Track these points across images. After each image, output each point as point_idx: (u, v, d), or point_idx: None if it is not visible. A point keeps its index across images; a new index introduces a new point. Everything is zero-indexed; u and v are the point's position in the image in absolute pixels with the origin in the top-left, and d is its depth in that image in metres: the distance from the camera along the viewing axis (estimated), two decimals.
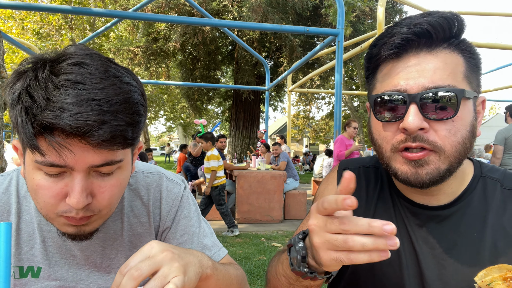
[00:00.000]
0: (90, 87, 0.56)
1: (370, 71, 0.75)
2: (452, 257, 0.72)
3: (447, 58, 0.66)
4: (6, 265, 0.49)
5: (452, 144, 0.65)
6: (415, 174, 0.67)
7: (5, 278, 0.49)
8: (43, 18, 12.85)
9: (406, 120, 0.64)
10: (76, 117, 0.53)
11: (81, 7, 5.35)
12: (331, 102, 25.25)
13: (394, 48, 0.67)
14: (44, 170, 0.59)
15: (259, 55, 9.09)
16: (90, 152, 0.58)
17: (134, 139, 0.62)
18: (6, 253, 0.49)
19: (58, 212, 0.62)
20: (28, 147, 0.57)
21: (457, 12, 0.68)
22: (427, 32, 0.65)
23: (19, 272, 0.74)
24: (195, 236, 0.84)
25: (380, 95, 0.69)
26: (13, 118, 0.57)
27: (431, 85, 0.64)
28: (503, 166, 4.94)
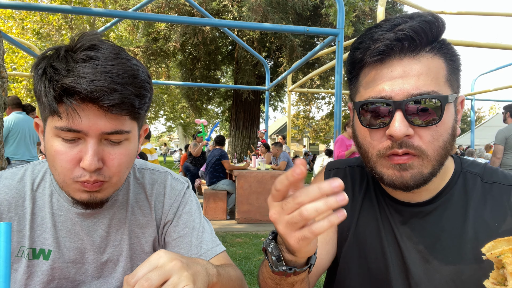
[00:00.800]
0: (104, 63, 0.66)
1: (352, 75, 0.75)
2: (435, 252, 0.74)
3: (430, 63, 0.67)
4: (6, 265, 0.49)
5: (434, 148, 0.67)
6: (400, 178, 0.69)
7: (5, 278, 0.49)
8: (43, 18, 12.85)
9: (392, 127, 0.65)
10: (91, 83, 0.63)
11: (81, 7, 5.35)
12: (331, 102, 25.24)
13: (378, 54, 0.67)
14: (61, 136, 0.68)
15: (259, 55, 9.08)
16: (102, 119, 0.67)
17: (141, 109, 0.71)
18: (6, 253, 0.49)
19: (73, 177, 0.70)
20: (49, 111, 0.66)
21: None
22: (410, 38, 0.65)
23: (32, 254, 0.79)
24: (195, 231, 0.87)
25: (365, 102, 0.69)
26: (37, 90, 0.68)
27: (415, 92, 0.65)
28: (503, 166, 4.94)
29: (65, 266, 0.81)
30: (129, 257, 0.86)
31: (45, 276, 0.80)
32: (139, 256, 0.87)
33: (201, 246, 0.85)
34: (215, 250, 0.86)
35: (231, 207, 6.78)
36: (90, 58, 0.66)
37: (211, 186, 6.63)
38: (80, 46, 0.67)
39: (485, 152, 10.95)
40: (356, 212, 0.84)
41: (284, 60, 11.84)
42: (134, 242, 0.86)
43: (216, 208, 6.49)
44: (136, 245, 0.86)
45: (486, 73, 10.28)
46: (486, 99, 12.69)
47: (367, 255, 0.80)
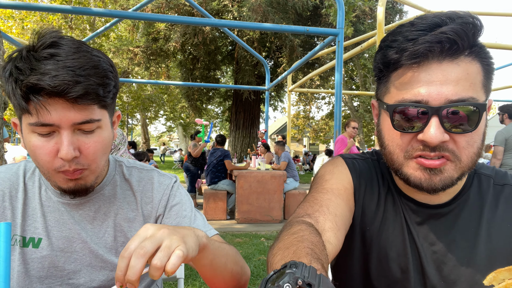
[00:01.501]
0: (65, 58, 0.69)
1: (383, 73, 0.72)
2: (451, 253, 0.74)
3: (469, 68, 0.64)
4: (6, 265, 0.49)
5: (468, 154, 0.66)
6: (429, 181, 0.67)
7: (5, 278, 0.49)
8: (43, 18, 12.83)
9: (427, 132, 0.63)
10: (54, 78, 0.67)
11: (81, 7, 5.35)
12: (331, 102, 25.24)
13: (418, 57, 0.63)
14: (37, 131, 0.72)
15: (259, 55, 9.08)
16: (71, 111, 0.71)
17: (106, 97, 0.75)
18: (6, 253, 0.49)
19: (55, 168, 0.75)
20: (20, 109, 0.71)
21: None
22: (453, 42, 0.62)
23: (23, 242, 0.84)
24: (187, 218, 0.91)
25: (400, 105, 0.66)
26: (7, 91, 0.71)
27: (454, 97, 0.63)
28: (503, 166, 4.93)
29: (54, 255, 0.85)
30: (113, 248, 0.89)
31: (35, 264, 0.83)
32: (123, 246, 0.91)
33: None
34: (208, 234, 0.88)
35: (231, 207, 6.78)
36: (51, 55, 0.69)
37: (211, 186, 6.63)
38: (41, 45, 0.71)
39: (485, 152, 10.94)
40: (381, 207, 0.82)
41: (284, 60, 11.84)
42: (119, 235, 0.89)
43: (216, 208, 6.49)
44: (121, 237, 0.89)
45: None
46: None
47: (388, 253, 0.79)
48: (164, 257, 0.54)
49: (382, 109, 0.73)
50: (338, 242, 0.72)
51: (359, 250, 0.83)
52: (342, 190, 0.81)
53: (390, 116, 0.69)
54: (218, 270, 0.76)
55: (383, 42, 0.70)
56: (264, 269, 3.90)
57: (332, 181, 0.83)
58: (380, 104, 0.74)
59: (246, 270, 0.88)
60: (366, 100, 22.44)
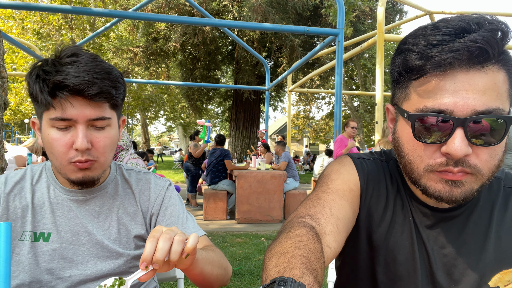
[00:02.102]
0: (84, 64, 0.84)
1: (404, 78, 0.67)
2: (461, 255, 0.73)
3: (496, 77, 0.60)
4: (6, 265, 0.49)
5: (490, 167, 0.64)
6: (449, 193, 0.65)
7: (5, 278, 0.49)
8: (43, 18, 12.82)
9: (452, 145, 0.60)
10: (76, 78, 0.81)
11: (81, 7, 5.35)
12: (331, 102, 25.24)
13: (444, 66, 0.59)
14: (56, 125, 0.84)
15: (259, 55, 9.08)
16: (88, 108, 0.84)
17: (117, 98, 0.89)
18: (6, 253, 0.49)
19: (68, 158, 0.86)
20: (45, 105, 0.83)
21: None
22: (484, 51, 0.58)
23: (33, 237, 0.92)
24: (179, 219, 1.03)
25: (423, 115, 0.63)
26: (33, 91, 0.84)
27: (481, 108, 0.59)
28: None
29: (63, 247, 0.93)
30: (117, 239, 0.98)
31: (46, 257, 0.91)
32: (128, 237, 1.00)
33: (185, 231, 1.01)
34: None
35: (231, 207, 6.78)
36: (73, 61, 0.83)
37: (211, 186, 6.63)
38: (64, 54, 0.86)
39: None
40: (389, 210, 0.80)
41: (284, 60, 11.84)
42: (122, 228, 0.99)
43: (216, 208, 6.49)
44: (124, 230, 0.99)
45: None
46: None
47: (396, 257, 0.77)
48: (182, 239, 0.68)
49: (401, 116, 0.70)
50: (338, 246, 0.71)
51: (366, 252, 0.81)
52: (348, 192, 0.79)
53: (412, 125, 0.65)
54: (205, 276, 0.87)
55: (404, 45, 0.66)
56: None
57: (337, 181, 0.81)
58: (398, 110, 0.71)
59: (229, 270, 0.99)
60: (366, 100, 22.43)
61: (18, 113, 17.84)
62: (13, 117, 18.73)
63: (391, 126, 0.77)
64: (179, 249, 0.67)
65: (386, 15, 9.69)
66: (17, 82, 15.40)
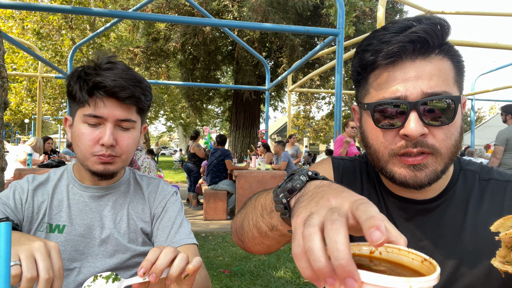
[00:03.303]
0: (120, 71, 0.96)
1: (362, 76, 0.76)
2: (438, 247, 0.76)
3: (440, 65, 0.68)
4: (6, 265, 0.49)
5: (447, 146, 0.69)
6: (414, 177, 0.70)
7: (5, 278, 0.49)
8: (43, 18, 12.81)
9: (408, 127, 0.66)
10: (113, 81, 0.93)
11: (81, 7, 5.35)
12: (331, 102, 25.22)
13: (392, 56, 0.67)
14: (88, 121, 0.95)
15: (259, 55, 9.07)
16: (118, 109, 0.96)
17: (145, 104, 1.02)
18: (6, 253, 0.49)
19: (93, 152, 0.96)
20: (81, 102, 0.95)
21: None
22: (424, 40, 0.66)
23: (49, 228, 1.02)
24: (175, 224, 1.10)
25: (380, 102, 0.69)
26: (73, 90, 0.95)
27: (429, 91, 0.66)
28: (502, 165, 4.93)
29: (76, 239, 1.02)
30: (126, 233, 1.07)
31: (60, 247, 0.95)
32: (136, 232, 1.08)
33: (175, 236, 1.07)
34: (185, 241, 1.06)
35: (232, 207, 6.78)
36: (111, 68, 0.96)
37: (211, 186, 6.63)
38: (104, 61, 0.98)
39: (485, 152, 10.94)
40: None
41: (284, 60, 11.83)
42: (131, 223, 1.09)
43: (216, 208, 6.49)
44: (133, 225, 1.09)
45: (486, 73, 10.28)
46: (486, 99, 12.67)
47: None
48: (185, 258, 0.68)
49: (363, 110, 0.77)
50: None
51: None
52: None
53: (372, 115, 0.72)
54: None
55: (359, 47, 0.74)
56: (264, 268, 3.90)
57: None
58: (361, 106, 0.78)
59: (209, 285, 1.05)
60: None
61: (18, 113, 17.82)
62: (13, 117, 18.71)
63: (358, 125, 0.84)
64: (181, 265, 0.67)
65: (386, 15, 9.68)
66: (17, 82, 15.39)
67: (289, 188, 0.55)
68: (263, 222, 0.66)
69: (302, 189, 0.54)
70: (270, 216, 0.63)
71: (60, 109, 18.21)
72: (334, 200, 0.44)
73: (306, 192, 0.52)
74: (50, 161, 5.25)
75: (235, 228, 0.80)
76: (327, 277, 0.37)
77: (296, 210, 0.49)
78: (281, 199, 0.55)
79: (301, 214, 0.45)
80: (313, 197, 0.49)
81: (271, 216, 0.63)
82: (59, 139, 25.21)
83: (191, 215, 7.00)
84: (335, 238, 0.37)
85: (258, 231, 0.68)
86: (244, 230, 0.74)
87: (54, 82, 15.59)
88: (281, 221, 0.60)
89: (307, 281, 3.59)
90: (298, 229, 0.43)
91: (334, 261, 0.35)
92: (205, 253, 4.47)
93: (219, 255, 4.39)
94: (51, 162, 5.20)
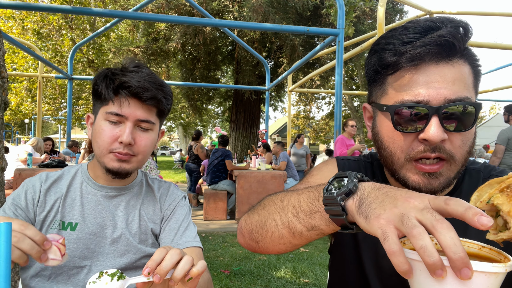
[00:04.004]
0: (145, 75, 1.00)
1: (380, 75, 0.73)
2: None
3: (462, 69, 0.67)
4: (6, 265, 0.49)
5: (462, 153, 0.69)
6: (428, 185, 0.69)
7: (5, 278, 0.49)
8: (43, 18, 12.81)
9: (428, 131, 0.65)
10: (138, 82, 0.97)
11: (81, 7, 5.35)
12: (331, 102, 25.22)
13: (417, 59, 0.66)
14: (109, 119, 0.99)
15: (259, 55, 9.07)
16: (139, 109, 1.00)
17: (165, 107, 1.06)
18: (6, 253, 0.49)
19: (110, 148, 0.99)
20: (105, 100, 0.99)
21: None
22: (451, 44, 0.65)
23: (62, 225, 1.03)
24: (181, 227, 1.12)
25: (402, 106, 0.68)
26: (99, 88, 1.00)
27: (452, 97, 0.65)
28: (502, 165, 4.93)
29: (88, 237, 1.03)
30: (137, 234, 1.09)
31: (71, 245, 1.01)
32: (146, 233, 1.10)
33: (181, 238, 1.09)
34: (190, 243, 1.08)
35: (232, 207, 6.78)
36: (137, 71, 1.00)
37: (211, 186, 6.63)
38: (130, 64, 1.03)
39: (485, 152, 10.94)
40: None
41: (284, 60, 11.83)
42: (143, 223, 1.11)
43: (216, 208, 6.49)
44: (144, 226, 1.11)
45: (486, 73, 10.27)
46: (487, 99, 12.64)
47: (378, 251, 0.80)
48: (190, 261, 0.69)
49: (379, 111, 0.75)
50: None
51: (352, 247, 0.85)
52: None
53: (392, 117, 0.70)
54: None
55: (377, 45, 0.73)
56: (264, 268, 3.90)
57: (317, 177, 0.87)
58: (376, 106, 0.75)
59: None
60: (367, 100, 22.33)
61: (18, 113, 17.81)
62: (13, 117, 18.71)
63: (369, 124, 0.82)
64: (186, 268, 0.67)
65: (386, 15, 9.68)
66: (17, 82, 15.39)
67: (346, 191, 0.55)
68: (299, 222, 0.64)
69: (358, 191, 0.55)
70: (310, 217, 0.62)
71: (60, 109, 18.19)
72: (413, 200, 0.47)
73: (367, 194, 0.53)
74: (50, 161, 5.25)
75: (249, 229, 0.78)
76: (439, 269, 0.41)
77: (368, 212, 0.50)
78: (338, 202, 0.55)
79: (381, 215, 0.48)
80: (382, 198, 0.51)
81: (311, 217, 0.62)
82: (59, 139, 25.21)
83: (191, 215, 7.00)
84: (450, 234, 0.41)
85: (291, 231, 0.66)
86: (267, 230, 0.72)
87: (54, 82, 15.59)
88: (326, 222, 0.60)
89: (307, 281, 3.59)
90: (387, 228, 0.46)
91: (453, 255, 0.40)
92: (205, 253, 4.47)
93: (219, 255, 4.39)
94: (51, 162, 5.19)
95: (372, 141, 0.79)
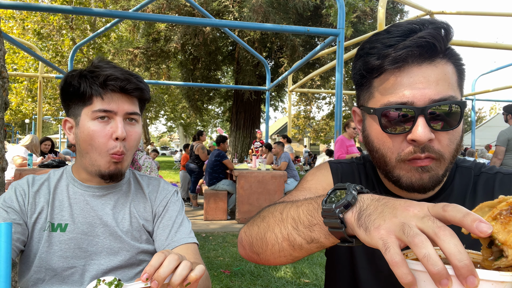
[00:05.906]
0: (119, 68, 0.99)
1: (365, 79, 0.75)
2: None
3: (445, 69, 0.68)
4: (6, 265, 0.49)
5: (450, 151, 0.70)
6: (419, 180, 0.71)
7: (5, 278, 0.49)
8: (44, 18, 12.81)
9: (416, 132, 0.66)
10: (121, 74, 0.96)
11: (81, 8, 5.34)
12: (331, 102, 25.21)
13: (400, 61, 0.67)
14: (98, 115, 0.96)
15: (259, 55, 9.07)
16: (126, 103, 0.98)
17: (146, 96, 1.05)
18: (6, 253, 0.50)
19: (108, 149, 0.97)
20: (89, 100, 0.96)
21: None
22: (432, 45, 0.66)
23: (51, 227, 1.01)
24: (175, 223, 1.10)
25: (388, 108, 0.69)
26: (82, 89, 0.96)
27: (437, 97, 0.66)
28: (503, 166, 4.93)
29: (79, 237, 1.01)
30: (129, 231, 1.07)
31: (63, 246, 1.00)
32: (139, 231, 1.08)
33: (175, 235, 1.07)
34: (186, 240, 1.07)
35: (232, 207, 6.78)
36: (110, 66, 0.98)
37: (211, 187, 6.63)
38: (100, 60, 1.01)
39: (487, 152, 10.93)
40: None
41: (284, 60, 11.83)
42: (134, 221, 1.09)
43: (216, 208, 6.49)
44: (135, 223, 1.09)
45: (486, 73, 10.26)
46: (487, 99, 12.60)
47: (374, 251, 0.80)
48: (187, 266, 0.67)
49: (367, 114, 0.76)
50: None
51: (345, 249, 0.86)
52: (321, 190, 0.85)
53: (378, 119, 0.71)
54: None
55: (361, 50, 0.74)
56: (264, 268, 3.90)
57: (312, 182, 0.89)
58: (364, 110, 0.77)
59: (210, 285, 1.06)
60: None
61: (19, 113, 17.83)
62: (13, 117, 18.73)
63: (359, 127, 0.83)
64: (183, 273, 0.66)
65: (386, 15, 9.68)
66: (18, 82, 15.39)
67: (345, 203, 0.54)
68: (298, 235, 0.64)
69: (357, 203, 0.54)
70: (309, 230, 0.62)
71: (61, 109, 18.18)
72: (413, 209, 0.46)
73: (366, 206, 0.52)
74: (50, 161, 5.25)
75: (249, 242, 0.77)
76: (445, 278, 0.39)
77: (368, 223, 0.49)
78: (337, 214, 0.55)
79: (381, 225, 0.47)
80: (381, 209, 0.50)
81: (311, 229, 0.61)
82: (59, 139, 25.23)
83: (192, 215, 7.00)
84: (453, 241, 0.40)
85: (290, 243, 0.66)
86: (267, 243, 0.71)
87: (55, 82, 15.59)
88: (325, 235, 0.59)
89: (307, 282, 3.59)
90: (388, 238, 0.45)
91: (458, 263, 0.38)
92: (205, 253, 4.47)
93: (220, 255, 4.39)
94: (51, 162, 5.20)
95: (363, 144, 0.81)
